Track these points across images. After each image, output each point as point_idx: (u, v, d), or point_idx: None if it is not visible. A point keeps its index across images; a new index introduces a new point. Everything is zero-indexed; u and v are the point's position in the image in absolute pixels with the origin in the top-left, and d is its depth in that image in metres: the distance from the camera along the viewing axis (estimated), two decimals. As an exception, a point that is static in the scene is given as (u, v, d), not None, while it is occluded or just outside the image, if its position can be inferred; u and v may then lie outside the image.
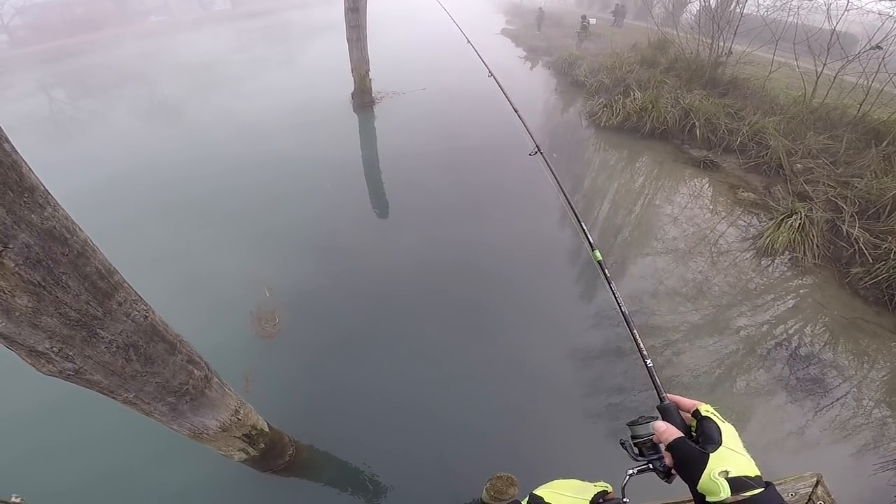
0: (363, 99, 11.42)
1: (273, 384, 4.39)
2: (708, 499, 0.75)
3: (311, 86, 13.49)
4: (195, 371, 2.24)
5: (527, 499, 0.90)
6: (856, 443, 4.01)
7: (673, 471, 0.85)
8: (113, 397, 1.93)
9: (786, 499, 1.12)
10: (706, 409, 0.86)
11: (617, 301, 1.34)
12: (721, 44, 10.62)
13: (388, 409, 4.15)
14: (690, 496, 0.81)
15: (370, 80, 11.20)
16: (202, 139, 10.06)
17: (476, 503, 3.40)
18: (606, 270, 1.48)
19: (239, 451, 2.90)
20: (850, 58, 8.10)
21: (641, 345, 1.17)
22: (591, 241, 1.61)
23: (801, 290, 5.67)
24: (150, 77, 15.08)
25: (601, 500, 0.91)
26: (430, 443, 3.89)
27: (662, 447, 0.87)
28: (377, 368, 4.56)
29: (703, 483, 0.75)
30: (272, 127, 10.56)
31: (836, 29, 8.35)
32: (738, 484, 0.73)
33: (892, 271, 5.25)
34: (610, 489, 0.94)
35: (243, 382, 4.31)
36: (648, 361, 1.12)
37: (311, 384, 4.43)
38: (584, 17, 16.75)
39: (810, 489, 1.14)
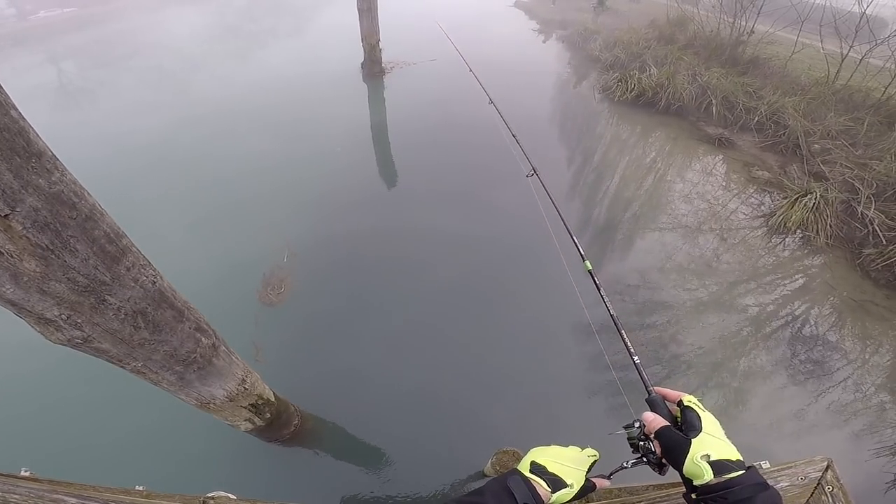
0: (373, 69, 11.32)
1: (277, 353, 4.42)
2: (695, 482, 0.81)
3: (321, 54, 13.28)
4: (203, 339, 2.24)
5: (528, 465, 0.90)
6: (855, 427, 4.02)
7: (664, 461, 0.90)
8: (121, 366, 1.94)
9: (795, 482, 1.13)
10: (689, 400, 0.92)
11: (606, 305, 1.54)
12: (743, 22, 10.28)
13: (393, 381, 4.18)
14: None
15: (380, 50, 11.07)
16: (215, 106, 9.95)
17: (479, 476, 3.45)
18: (597, 279, 1.65)
19: (245, 420, 2.93)
20: (878, 41, 7.85)
21: (629, 342, 1.29)
22: (582, 251, 1.84)
23: (811, 270, 5.63)
24: (158, 49, 14.84)
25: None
26: (435, 416, 3.94)
27: (652, 438, 0.92)
28: (382, 340, 4.58)
29: (688, 467, 0.81)
30: (282, 94, 10.48)
31: (866, 12, 8.09)
32: (719, 466, 0.78)
33: (906, 254, 5.16)
34: (597, 456, 0.99)
35: (252, 351, 4.35)
36: (636, 358, 1.19)
37: (315, 353, 4.47)
38: (600, -9, 16.21)
39: (820, 473, 1.13)
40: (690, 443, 0.82)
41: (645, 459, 0.94)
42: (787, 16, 9.75)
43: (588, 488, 0.93)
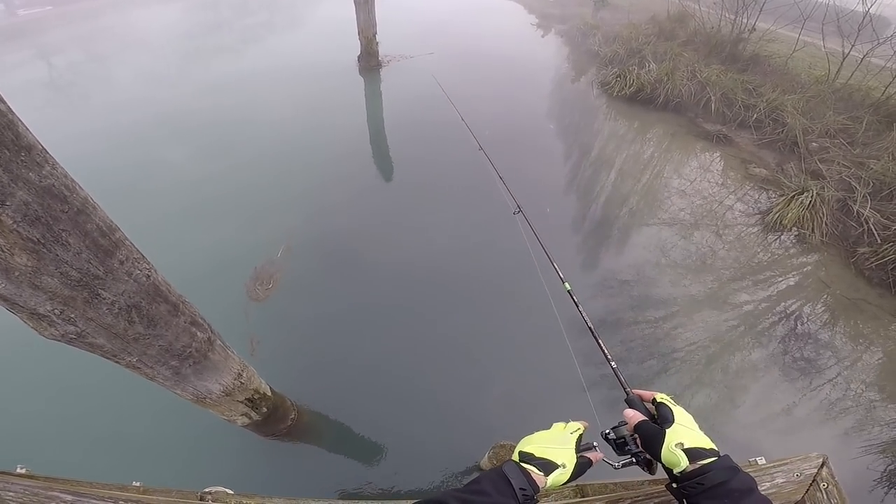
0: (370, 62, 11.25)
1: (272, 348, 4.40)
2: (674, 471, 0.86)
3: (317, 47, 13.19)
4: (198, 333, 2.23)
5: (517, 456, 0.93)
6: (845, 424, 4.05)
7: (653, 461, 0.94)
8: (116, 361, 1.92)
9: (790, 479, 1.12)
10: (661, 397, 1.00)
11: (584, 318, 1.52)
12: (744, 20, 10.26)
13: (389, 376, 4.18)
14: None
15: (377, 43, 11.00)
16: (209, 101, 9.85)
17: (476, 468, 3.46)
18: (575, 297, 1.72)
19: (242, 415, 2.92)
20: (880, 40, 7.81)
21: (605, 349, 1.39)
22: (561, 273, 1.91)
23: (806, 268, 5.65)
24: (151, 42, 14.69)
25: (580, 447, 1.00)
26: (431, 409, 3.94)
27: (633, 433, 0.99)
28: (378, 333, 4.57)
29: (665, 455, 0.87)
30: (277, 88, 10.39)
31: (870, 11, 8.05)
32: (694, 454, 0.84)
33: (900, 253, 5.18)
34: (581, 428, 1.02)
35: (247, 346, 4.33)
36: (613, 363, 1.31)
37: (310, 349, 4.45)
38: (601, -14, 16.12)
39: (815, 470, 1.13)
40: (665, 433, 0.89)
41: (634, 460, 0.97)
42: (788, 14, 9.73)
43: (584, 464, 0.96)
